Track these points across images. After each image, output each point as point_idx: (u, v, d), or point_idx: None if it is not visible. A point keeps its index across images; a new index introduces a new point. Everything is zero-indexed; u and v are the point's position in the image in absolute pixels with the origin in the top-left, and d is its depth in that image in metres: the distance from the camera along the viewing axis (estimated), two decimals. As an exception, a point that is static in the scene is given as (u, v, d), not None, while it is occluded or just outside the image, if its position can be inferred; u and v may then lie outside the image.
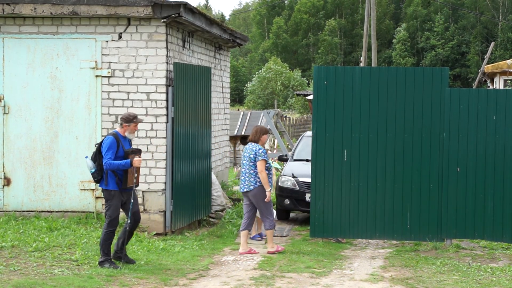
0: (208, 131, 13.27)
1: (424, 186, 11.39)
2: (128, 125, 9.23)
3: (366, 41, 35.31)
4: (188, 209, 12.23)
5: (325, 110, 11.52)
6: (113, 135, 9.19)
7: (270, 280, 8.96)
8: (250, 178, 10.71)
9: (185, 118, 12.05)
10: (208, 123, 13.29)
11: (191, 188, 12.33)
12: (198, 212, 12.76)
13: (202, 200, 12.90)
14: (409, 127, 11.42)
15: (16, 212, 11.62)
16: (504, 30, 73.89)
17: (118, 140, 9.15)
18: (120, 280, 8.61)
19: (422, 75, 11.46)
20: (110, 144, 9.09)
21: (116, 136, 9.17)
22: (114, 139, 9.13)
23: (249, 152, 10.74)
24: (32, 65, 11.68)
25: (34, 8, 11.41)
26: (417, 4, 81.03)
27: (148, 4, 11.31)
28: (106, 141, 9.12)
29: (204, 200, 12.99)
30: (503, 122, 11.15)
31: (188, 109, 12.17)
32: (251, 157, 10.70)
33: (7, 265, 8.93)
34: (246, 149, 10.86)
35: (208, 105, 13.32)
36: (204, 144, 13.01)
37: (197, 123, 12.63)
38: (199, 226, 12.93)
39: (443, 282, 9.18)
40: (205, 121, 13.08)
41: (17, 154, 11.71)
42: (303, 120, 43.91)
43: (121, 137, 9.23)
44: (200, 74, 12.79)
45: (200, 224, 13.00)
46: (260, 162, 10.62)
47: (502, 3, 75.86)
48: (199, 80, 12.72)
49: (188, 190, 12.21)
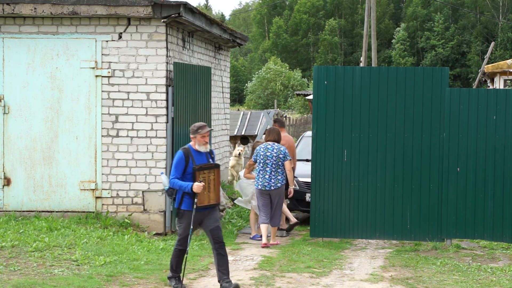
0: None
1: (424, 186, 11.39)
2: (194, 137, 8.31)
3: (366, 41, 35.31)
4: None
5: (325, 110, 11.53)
6: (184, 149, 8.31)
7: (270, 280, 8.96)
8: (277, 176, 11.42)
9: (185, 118, 12.06)
10: (208, 123, 13.29)
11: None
12: (198, 212, 12.73)
13: (202, 200, 12.87)
14: (409, 127, 11.42)
15: (16, 212, 11.62)
16: (504, 30, 73.89)
17: (188, 155, 8.24)
18: (120, 280, 8.61)
19: (422, 75, 11.46)
20: (177, 160, 8.27)
21: (186, 151, 8.27)
22: (183, 154, 8.25)
23: (276, 152, 11.40)
24: (32, 65, 11.68)
25: (34, 8, 11.41)
26: (416, 5, 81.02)
27: (148, 4, 11.31)
28: (175, 157, 8.34)
29: (204, 200, 12.96)
30: (503, 122, 11.15)
31: (188, 109, 12.17)
32: (280, 157, 11.38)
33: (7, 265, 8.93)
34: (270, 149, 11.42)
35: (208, 105, 13.32)
36: (204, 144, 12.99)
37: (197, 123, 12.61)
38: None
39: (443, 282, 9.18)
40: (205, 121, 13.07)
41: (17, 154, 11.71)
42: (303, 120, 43.86)
43: (193, 151, 8.30)
44: (200, 74, 12.79)
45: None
46: (288, 161, 11.41)
47: (502, 3, 75.85)
48: (199, 80, 12.72)
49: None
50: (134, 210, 11.64)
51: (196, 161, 8.25)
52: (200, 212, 8.33)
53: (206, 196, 8.30)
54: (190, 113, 12.26)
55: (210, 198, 8.34)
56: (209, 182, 8.29)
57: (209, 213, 8.40)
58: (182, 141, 11.89)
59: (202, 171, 8.21)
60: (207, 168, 8.26)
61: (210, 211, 8.40)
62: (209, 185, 8.28)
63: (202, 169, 8.22)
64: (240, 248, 11.14)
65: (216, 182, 8.35)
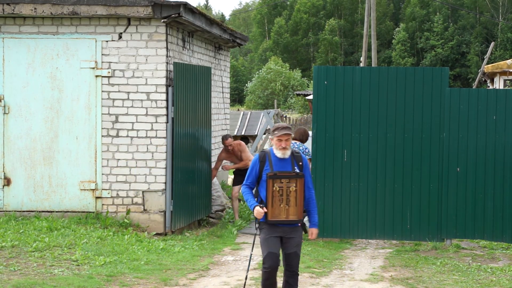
0: (208, 131, 13.27)
1: (424, 186, 11.39)
2: (272, 139, 7.15)
3: (366, 41, 35.33)
4: (188, 209, 12.23)
5: (325, 110, 11.53)
6: (261, 152, 7.20)
7: (270, 280, 8.95)
8: None
9: (185, 118, 12.06)
10: (208, 123, 13.29)
11: (191, 188, 12.33)
12: (198, 212, 12.76)
13: (202, 200, 12.91)
14: (409, 127, 11.42)
15: (16, 212, 11.62)
16: (504, 30, 73.88)
17: (264, 159, 7.08)
18: (120, 280, 8.61)
19: (422, 75, 11.46)
20: (251, 165, 7.21)
21: (263, 154, 7.14)
22: (258, 158, 7.16)
23: (302, 151, 11.78)
24: (32, 65, 11.68)
25: (34, 8, 11.41)
26: (414, 5, 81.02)
27: (148, 4, 11.31)
28: (251, 161, 7.28)
29: (204, 200, 12.99)
30: (503, 122, 11.16)
31: (188, 109, 12.17)
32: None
33: (7, 265, 8.93)
34: (297, 148, 11.68)
35: (208, 105, 13.32)
36: (204, 144, 13.01)
37: (197, 123, 12.63)
38: (199, 226, 12.94)
39: (443, 282, 9.18)
40: (205, 121, 13.08)
41: (17, 154, 11.70)
42: (303, 120, 43.87)
43: (273, 155, 7.12)
44: (200, 74, 12.79)
45: (200, 224, 13.01)
46: (309, 160, 11.65)
47: (502, 3, 75.83)
48: (199, 80, 12.72)
49: (188, 190, 12.21)
50: (134, 210, 11.64)
51: (275, 167, 7.04)
52: (280, 228, 7.10)
53: (283, 210, 7.03)
54: (190, 113, 12.26)
55: (288, 212, 7.05)
56: (288, 193, 7.02)
57: (291, 231, 7.12)
58: (182, 141, 11.90)
59: (277, 180, 6.99)
60: (286, 177, 7.00)
61: (293, 231, 7.14)
62: (288, 197, 7.01)
63: (278, 177, 6.99)
64: (240, 248, 11.14)
65: (298, 195, 7.05)
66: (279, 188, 7.02)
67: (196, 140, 12.61)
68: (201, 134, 12.89)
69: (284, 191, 7.03)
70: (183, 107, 11.94)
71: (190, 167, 12.33)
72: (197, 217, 12.71)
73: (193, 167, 12.47)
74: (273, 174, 6.98)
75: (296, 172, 7.04)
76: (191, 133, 12.34)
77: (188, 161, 12.19)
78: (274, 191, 6.99)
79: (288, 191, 7.03)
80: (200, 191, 12.79)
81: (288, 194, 7.03)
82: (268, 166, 7.04)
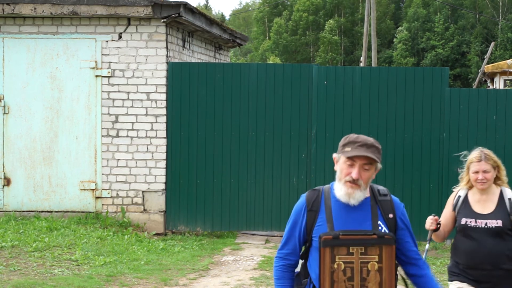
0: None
1: (424, 186, 11.39)
2: (336, 160, 4.34)
3: (366, 41, 35.32)
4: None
5: (325, 110, 11.53)
6: (311, 193, 4.08)
7: (270, 280, 8.96)
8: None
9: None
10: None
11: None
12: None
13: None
14: (409, 127, 11.42)
15: (16, 212, 11.62)
16: (504, 30, 73.90)
17: (314, 207, 3.95)
18: (120, 280, 8.61)
19: (422, 75, 11.47)
20: (291, 219, 4.02)
21: (314, 196, 4.05)
22: (304, 203, 4.00)
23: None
24: (32, 65, 11.69)
25: (34, 8, 11.41)
26: (417, 5, 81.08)
27: (148, 4, 11.31)
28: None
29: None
30: (503, 122, 11.16)
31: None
32: None
33: (7, 265, 8.93)
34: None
35: (208, 105, 13.31)
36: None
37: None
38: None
39: (443, 282, 9.17)
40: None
41: (17, 154, 11.71)
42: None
43: (333, 199, 4.00)
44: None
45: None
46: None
47: (502, 3, 75.88)
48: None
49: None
50: (134, 210, 11.64)
51: (337, 223, 3.88)
52: None
53: None
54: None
55: None
56: (361, 272, 3.84)
57: None
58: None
59: (342, 249, 3.81)
60: (358, 243, 3.81)
61: None
62: (364, 283, 3.84)
63: (342, 243, 3.81)
64: (240, 248, 11.14)
65: (384, 277, 3.94)
66: (344, 265, 3.83)
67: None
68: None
69: (356, 270, 3.85)
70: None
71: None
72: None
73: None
74: (333, 236, 3.80)
75: (379, 233, 3.84)
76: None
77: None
78: (336, 269, 3.82)
79: (363, 271, 3.86)
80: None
81: (361, 272, 3.85)
82: (324, 219, 3.89)
